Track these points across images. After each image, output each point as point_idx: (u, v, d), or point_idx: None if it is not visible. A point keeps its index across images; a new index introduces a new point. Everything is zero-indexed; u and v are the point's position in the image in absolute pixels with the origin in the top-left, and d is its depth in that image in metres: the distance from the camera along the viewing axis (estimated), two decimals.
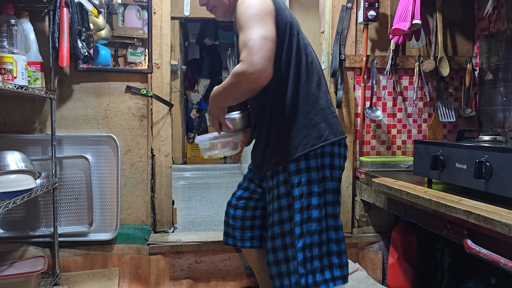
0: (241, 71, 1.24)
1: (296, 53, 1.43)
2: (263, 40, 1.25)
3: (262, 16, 1.29)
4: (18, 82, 1.71)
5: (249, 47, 1.23)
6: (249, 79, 1.24)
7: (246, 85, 1.27)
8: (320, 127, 1.42)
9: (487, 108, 2.31)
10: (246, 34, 1.26)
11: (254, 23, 1.27)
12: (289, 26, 1.41)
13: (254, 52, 1.23)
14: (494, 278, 1.97)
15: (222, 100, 1.38)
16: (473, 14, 2.41)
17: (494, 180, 1.34)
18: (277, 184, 1.44)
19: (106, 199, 2.22)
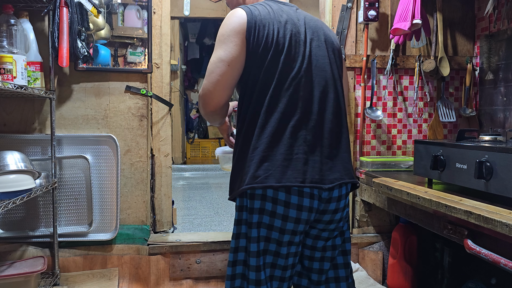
0: (199, 94, 1.29)
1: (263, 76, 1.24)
2: (218, 63, 1.23)
3: (227, 36, 1.23)
4: (17, 82, 1.71)
5: (207, 70, 1.25)
6: (201, 102, 1.28)
7: (202, 107, 1.29)
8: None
9: (488, 108, 2.30)
10: (213, 54, 1.27)
11: (218, 44, 1.25)
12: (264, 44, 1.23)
13: (207, 75, 1.24)
14: (494, 278, 1.96)
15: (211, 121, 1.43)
16: (474, 14, 2.41)
17: (494, 180, 1.34)
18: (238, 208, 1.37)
19: (105, 199, 2.21)
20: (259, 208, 1.23)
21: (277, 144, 1.21)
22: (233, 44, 1.22)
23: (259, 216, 1.23)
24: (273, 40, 1.23)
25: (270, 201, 1.21)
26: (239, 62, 1.24)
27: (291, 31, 1.26)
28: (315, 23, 1.36)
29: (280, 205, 1.20)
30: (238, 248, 1.29)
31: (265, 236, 1.24)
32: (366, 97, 2.33)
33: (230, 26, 1.24)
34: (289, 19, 1.28)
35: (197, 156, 6.73)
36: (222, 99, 1.26)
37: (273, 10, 1.28)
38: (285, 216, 1.21)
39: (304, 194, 1.20)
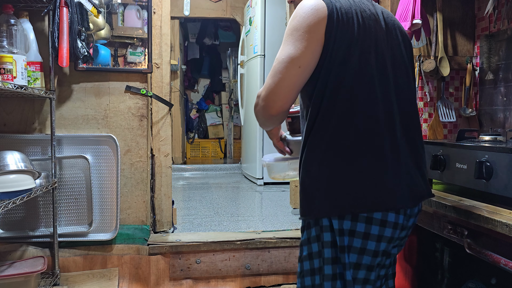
0: (258, 94, 1.12)
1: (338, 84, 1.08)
2: (288, 63, 1.05)
3: (302, 32, 1.04)
4: (17, 82, 1.71)
5: (272, 68, 1.08)
6: (262, 104, 1.10)
7: (259, 111, 1.13)
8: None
9: (488, 108, 2.30)
10: (278, 51, 1.09)
11: (290, 40, 1.06)
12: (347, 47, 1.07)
13: (272, 75, 1.07)
14: (494, 278, 1.96)
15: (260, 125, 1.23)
16: (474, 14, 2.41)
17: (494, 180, 1.34)
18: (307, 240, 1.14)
19: (105, 199, 2.21)
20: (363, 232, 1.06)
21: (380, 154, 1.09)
22: (308, 43, 1.04)
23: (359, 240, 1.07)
24: (358, 36, 1.07)
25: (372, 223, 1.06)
26: (313, 63, 1.06)
27: (375, 28, 1.11)
28: (392, 20, 1.21)
29: (375, 225, 1.06)
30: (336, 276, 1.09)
31: (354, 262, 1.08)
32: None
33: (306, 20, 1.04)
34: (371, 14, 1.12)
35: (197, 156, 6.73)
36: (287, 104, 1.09)
37: (354, 1, 1.12)
38: (379, 236, 1.07)
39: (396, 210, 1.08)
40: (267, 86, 1.09)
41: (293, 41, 1.05)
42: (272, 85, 1.07)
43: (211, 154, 6.75)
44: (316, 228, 1.09)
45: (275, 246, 2.29)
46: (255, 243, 2.29)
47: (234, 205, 3.55)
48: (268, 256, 2.29)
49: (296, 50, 1.05)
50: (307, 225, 1.12)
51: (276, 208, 3.26)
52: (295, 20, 1.07)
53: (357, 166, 1.05)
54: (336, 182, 1.06)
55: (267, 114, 1.11)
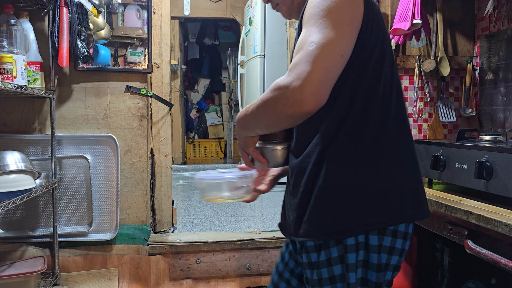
0: (284, 84, 0.82)
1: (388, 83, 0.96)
2: (330, 50, 0.83)
3: (342, 16, 0.86)
4: (17, 82, 1.71)
5: (305, 53, 0.82)
6: (291, 98, 0.82)
7: (284, 106, 0.83)
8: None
9: (488, 108, 2.30)
10: (308, 33, 0.85)
11: (324, 22, 0.84)
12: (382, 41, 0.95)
13: (311, 61, 0.81)
14: (494, 278, 1.96)
15: (250, 124, 0.95)
16: (474, 14, 2.41)
17: (494, 180, 1.34)
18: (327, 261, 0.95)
19: (105, 199, 2.21)
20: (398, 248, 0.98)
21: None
22: (351, 29, 0.87)
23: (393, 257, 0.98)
24: (385, 29, 0.98)
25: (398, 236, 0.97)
26: (350, 54, 0.88)
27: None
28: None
29: (400, 238, 0.97)
30: None
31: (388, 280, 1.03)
32: None
33: (345, 2, 0.86)
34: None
35: (197, 156, 6.74)
36: (323, 100, 0.84)
37: None
38: (402, 250, 0.99)
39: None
40: (303, 73, 0.81)
41: (331, 25, 0.84)
42: (312, 73, 0.80)
43: (211, 154, 6.76)
44: (339, 248, 0.93)
45: (275, 246, 2.29)
46: (255, 243, 2.29)
47: (234, 205, 3.55)
48: (268, 256, 2.29)
49: (338, 35, 0.84)
50: (324, 243, 0.94)
51: (276, 208, 3.26)
52: (333, 2, 0.85)
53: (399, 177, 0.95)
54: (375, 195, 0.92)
55: (298, 110, 0.83)
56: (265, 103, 0.88)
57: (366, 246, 0.94)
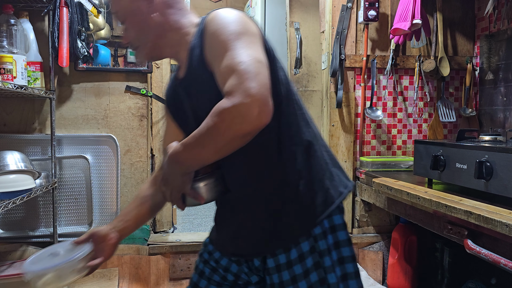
0: (233, 105, 0.81)
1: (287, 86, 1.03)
2: (258, 63, 0.86)
3: (249, 36, 0.91)
4: (17, 82, 1.71)
5: (240, 72, 0.84)
6: (248, 116, 0.81)
7: (242, 125, 0.82)
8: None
9: (488, 108, 2.30)
10: (231, 57, 0.87)
11: (240, 43, 0.88)
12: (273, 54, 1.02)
13: (250, 77, 0.83)
14: (494, 278, 1.96)
15: (196, 157, 0.89)
16: (474, 14, 2.41)
17: (494, 180, 1.34)
18: (299, 257, 1.00)
19: (105, 199, 2.21)
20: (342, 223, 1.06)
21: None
22: (259, 46, 0.92)
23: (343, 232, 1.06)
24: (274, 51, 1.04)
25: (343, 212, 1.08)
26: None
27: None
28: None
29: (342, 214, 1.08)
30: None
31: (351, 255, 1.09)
32: (366, 97, 2.33)
33: (245, 24, 0.93)
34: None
35: None
36: (272, 109, 0.85)
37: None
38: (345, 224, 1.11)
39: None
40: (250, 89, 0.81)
41: (247, 44, 0.89)
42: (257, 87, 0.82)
43: None
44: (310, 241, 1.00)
45: None
46: None
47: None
48: None
49: (257, 50, 0.89)
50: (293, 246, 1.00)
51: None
52: (233, 25, 0.91)
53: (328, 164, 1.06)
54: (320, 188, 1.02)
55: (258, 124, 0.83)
56: (214, 129, 0.85)
57: (332, 228, 1.02)
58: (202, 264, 1.18)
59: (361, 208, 2.33)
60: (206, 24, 0.95)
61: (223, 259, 1.13)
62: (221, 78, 0.88)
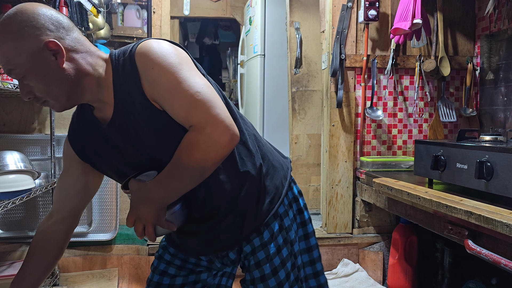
0: (207, 134, 0.87)
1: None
2: (210, 89, 0.91)
3: (188, 64, 0.93)
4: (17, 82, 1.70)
5: (201, 102, 0.87)
6: (221, 141, 0.87)
7: (218, 151, 0.88)
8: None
9: (488, 108, 2.30)
10: (186, 90, 0.88)
11: (185, 74, 0.89)
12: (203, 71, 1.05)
13: (212, 105, 0.87)
14: (494, 278, 1.96)
15: (175, 191, 0.93)
16: (474, 14, 2.40)
17: (495, 180, 1.34)
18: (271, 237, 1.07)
19: (105, 199, 2.21)
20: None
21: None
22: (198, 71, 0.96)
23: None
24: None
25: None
26: None
27: None
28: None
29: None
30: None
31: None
32: (367, 97, 2.32)
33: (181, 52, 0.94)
34: None
35: None
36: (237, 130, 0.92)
37: None
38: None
39: None
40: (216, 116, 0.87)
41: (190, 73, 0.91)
42: (221, 113, 0.88)
43: None
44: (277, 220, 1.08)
45: None
46: None
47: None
48: None
49: (199, 75, 0.93)
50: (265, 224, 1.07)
51: None
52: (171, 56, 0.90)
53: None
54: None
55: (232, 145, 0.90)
56: (192, 161, 0.89)
57: (290, 204, 1.12)
58: (164, 265, 1.17)
59: (361, 208, 2.33)
60: (137, 59, 0.90)
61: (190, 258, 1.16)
62: (180, 111, 0.89)
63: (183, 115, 0.89)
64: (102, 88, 0.95)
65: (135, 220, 0.95)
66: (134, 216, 0.94)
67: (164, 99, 0.90)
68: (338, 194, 2.34)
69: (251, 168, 1.04)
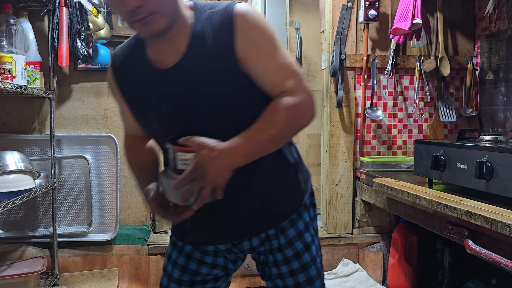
0: (300, 102, 0.93)
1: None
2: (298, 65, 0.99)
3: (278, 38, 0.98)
4: (17, 81, 1.70)
5: (296, 73, 0.94)
6: (311, 110, 0.95)
7: (307, 119, 0.96)
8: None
9: (488, 108, 2.30)
10: (283, 57, 0.94)
11: (281, 45, 0.96)
12: None
13: (304, 78, 0.96)
14: (494, 278, 1.96)
15: (259, 150, 0.93)
16: (474, 14, 2.40)
17: (495, 180, 1.34)
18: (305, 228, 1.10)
19: (105, 199, 2.21)
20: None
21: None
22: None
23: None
24: None
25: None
26: None
27: None
28: None
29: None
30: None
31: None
32: (367, 97, 2.32)
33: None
34: None
35: None
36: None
37: None
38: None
39: None
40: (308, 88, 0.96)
41: (283, 46, 0.97)
42: (309, 88, 0.97)
43: None
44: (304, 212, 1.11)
45: None
46: None
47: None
48: None
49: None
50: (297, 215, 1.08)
51: None
52: (270, 25, 0.95)
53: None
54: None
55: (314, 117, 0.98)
56: (284, 123, 0.92)
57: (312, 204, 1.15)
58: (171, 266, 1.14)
59: (361, 208, 2.33)
60: (237, 17, 0.91)
61: (194, 252, 1.10)
62: (276, 76, 0.93)
63: (277, 79, 0.93)
64: (179, 30, 0.92)
65: (194, 179, 0.86)
66: (194, 175, 0.86)
67: (259, 60, 0.92)
68: (338, 194, 2.34)
69: (290, 156, 1.07)
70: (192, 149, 0.87)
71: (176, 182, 0.86)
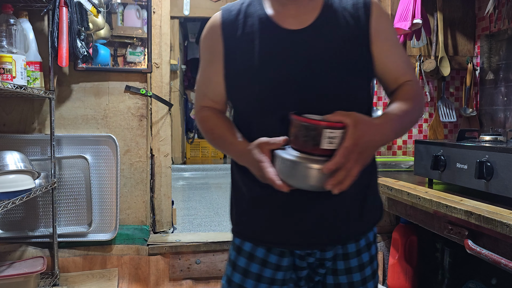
0: (422, 93, 1.01)
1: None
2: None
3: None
4: (17, 81, 1.70)
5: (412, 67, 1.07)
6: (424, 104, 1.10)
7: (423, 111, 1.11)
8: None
9: (488, 108, 2.30)
10: (402, 49, 1.02)
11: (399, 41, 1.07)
12: None
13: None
14: (494, 278, 1.96)
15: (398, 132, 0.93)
16: (474, 14, 2.40)
17: (495, 180, 1.34)
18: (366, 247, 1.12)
19: (105, 199, 2.21)
20: None
21: None
22: None
23: None
24: None
25: None
26: None
27: None
28: None
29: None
30: None
31: None
32: None
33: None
34: None
35: (197, 156, 6.74)
36: None
37: None
38: None
39: None
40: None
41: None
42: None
43: (211, 154, 6.76)
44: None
45: None
46: None
47: None
48: None
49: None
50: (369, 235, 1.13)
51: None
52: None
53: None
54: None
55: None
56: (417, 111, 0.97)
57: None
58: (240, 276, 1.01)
59: None
60: (374, 4, 0.96)
61: (270, 256, 0.99)
62: (401, 65, 0.99)
63: (404, 68, 0.99)
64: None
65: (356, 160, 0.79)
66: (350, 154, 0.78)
67: (389, 47, 0.97)
68: None
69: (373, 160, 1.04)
70: (343, 125, 0.79)
71: (333, 162, 0.77)
